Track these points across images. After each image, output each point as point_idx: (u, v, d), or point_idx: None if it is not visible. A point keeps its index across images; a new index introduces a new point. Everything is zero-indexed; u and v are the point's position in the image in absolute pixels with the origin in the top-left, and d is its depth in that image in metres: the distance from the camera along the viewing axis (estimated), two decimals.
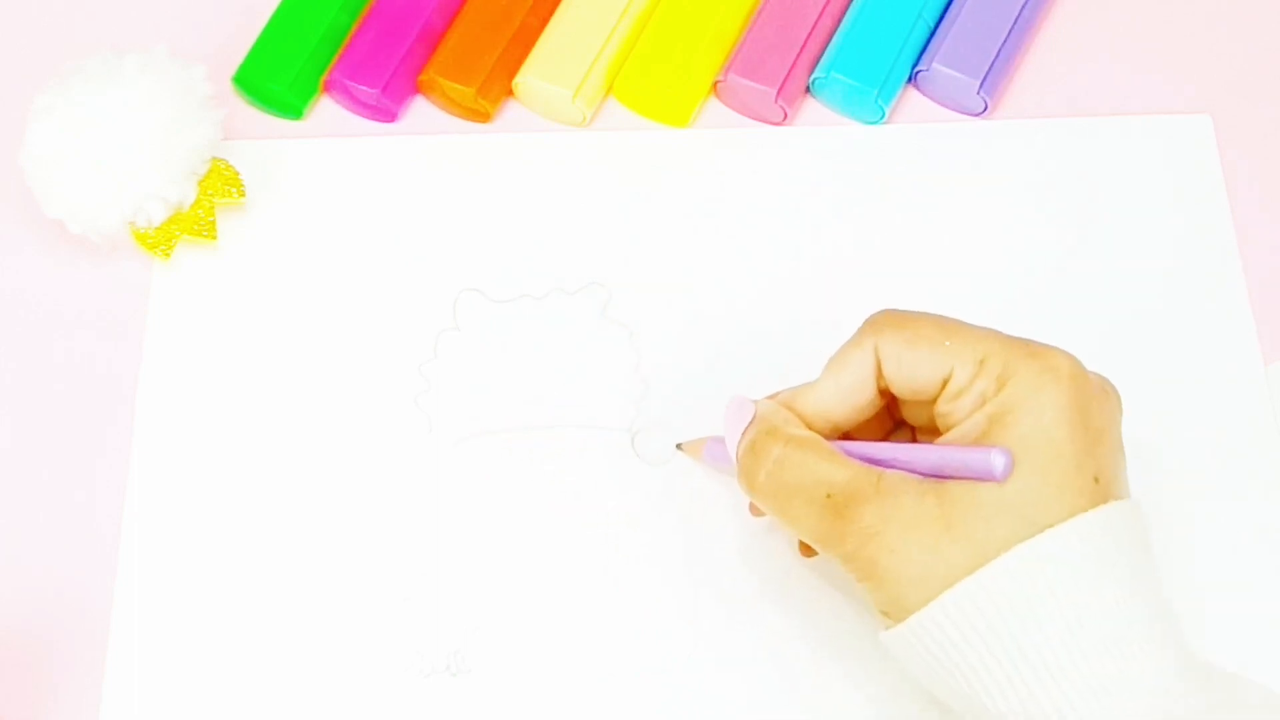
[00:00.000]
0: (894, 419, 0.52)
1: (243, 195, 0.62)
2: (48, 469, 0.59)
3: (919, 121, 0.65)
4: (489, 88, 0.64)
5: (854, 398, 0.50)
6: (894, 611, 0.46)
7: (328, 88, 0.66)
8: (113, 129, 0.59)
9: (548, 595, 0.56)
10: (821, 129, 0.65)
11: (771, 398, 0.51)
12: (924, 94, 0.65)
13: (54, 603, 0.57)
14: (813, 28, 0.64)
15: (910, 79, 0.65)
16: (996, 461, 0.44)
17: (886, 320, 0.50)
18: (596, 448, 0.59)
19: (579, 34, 0.64)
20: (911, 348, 0.48)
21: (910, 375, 0.48)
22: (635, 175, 0.64)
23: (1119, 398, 0.49)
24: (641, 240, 0.62)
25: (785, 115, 0.64)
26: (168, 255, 0.61)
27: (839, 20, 0.65)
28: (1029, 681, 0.43)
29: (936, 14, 0.65)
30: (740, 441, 0.50)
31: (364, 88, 0.64)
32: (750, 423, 0.50)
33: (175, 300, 0.62)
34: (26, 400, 0.60)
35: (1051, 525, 0.44)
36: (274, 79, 0.64)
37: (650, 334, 0.61)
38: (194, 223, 0.62)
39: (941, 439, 0.47)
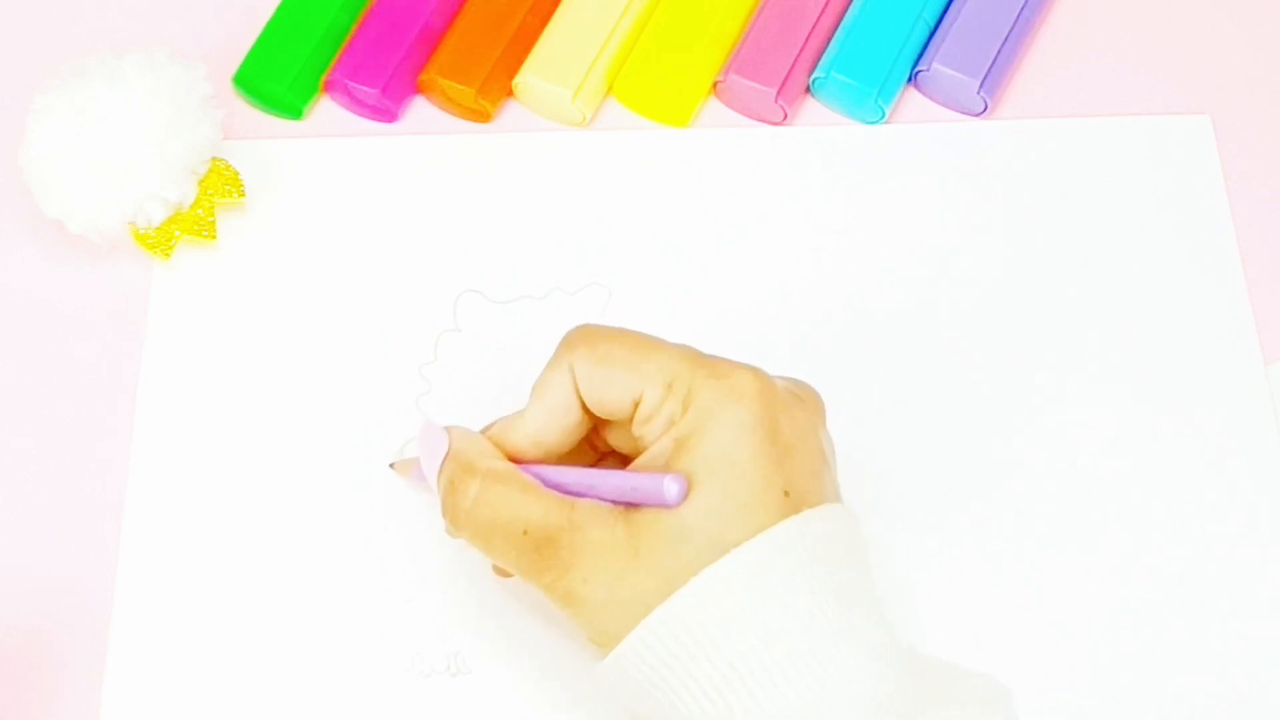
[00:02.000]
0: (598, 451, 0.52)
1: (243, 195, 0.62)
2: (48, 469, 0.59)
3: (919, 121, 0.65)
4: (489, 88, 0.64)
5: (561, 420, 0.49)
6: (599, 639, 0.46)
7: (328, 88, 0.66)
8: (113, 129, 0.59)
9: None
10: (821, 129, 0.65)
11: (486, 429, 0.51)
12: (924, 94, 0.65)
13: (54, 603, 0.57)
14: (813, 28, 0.64)
15: (910, 79, 0.65)
16: (670, 489, 0.44)
17: (580, 338, 0.49)
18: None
19: (579, 34, 0.64)
20: (602, 367, 0.48)
21: (600, 397, 0.48)
22: (635, 175, 0.64)
23: (818, 403, 0.49)
24: (641, 240, 0.62)
25: (785, 115, 0.64)
26: (168, 255, 0.61)
27: (839, 20, 0.65)
28: (730, 701, 0.43)
29: (936, 14, 0.65)
30: (439, 476, 0.50)
31: (364, 88, 0.64)
32: (445, 456, 0.50)
33: (175, 300, 0.62)
34: (26, 400, 0.60)
35: (737, 544, 0.44)
36: (274, 79, 0.64)
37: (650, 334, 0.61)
38: (194, 223, 0.62)
39: (631, 465, 0.47)
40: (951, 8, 0.65)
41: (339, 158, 0.64)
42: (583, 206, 0.63)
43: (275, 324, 0.61)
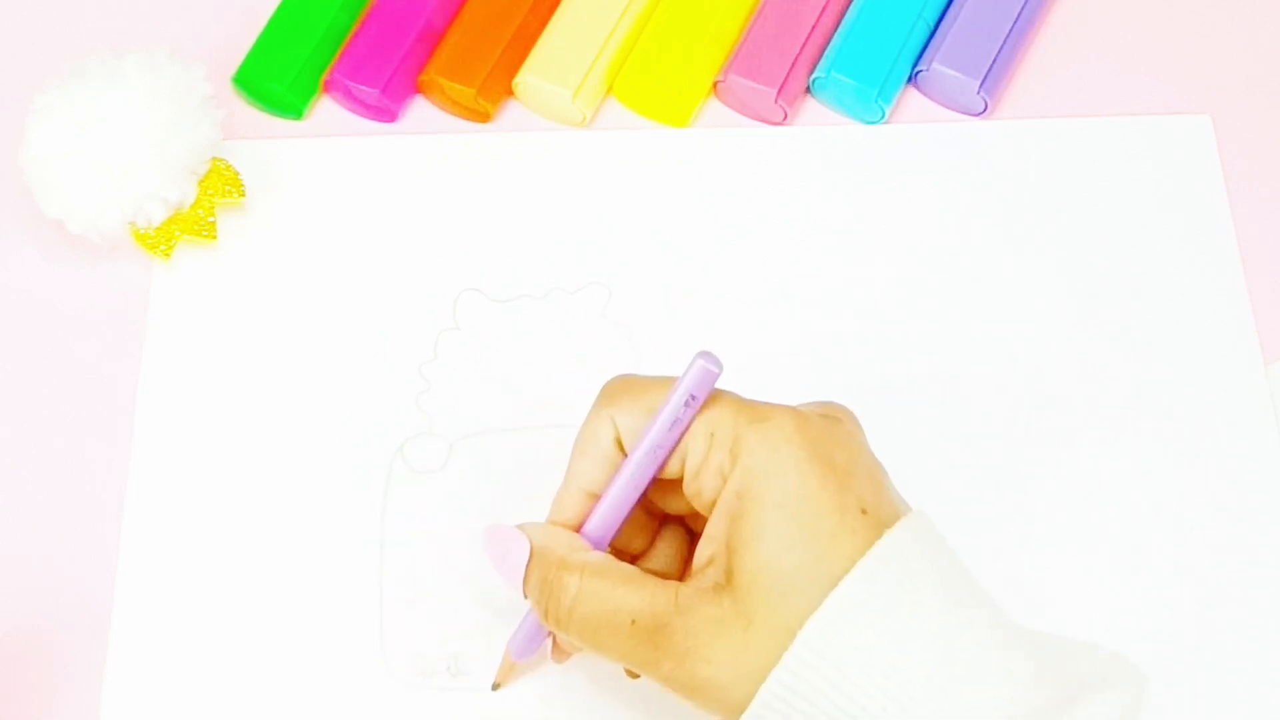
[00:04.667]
0: (656, 516, 0.51)
1: (243, 195, 0.62)
2: (48, 469, 0.59)
3: (919, 121, 0.65)
4: (489, 88, 0.64)
5: (607, 472, 0.49)
6: (724, 713, 0.45)
7: (328, 88, 0.66)
8: (113, 129, 0.59)
9: None
10: (821, 129, 0.65)
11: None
12: (924, 94, 0.65)
13: (54, 603, 0.57)
14: (813, 28, 0.64)
15: (910, 79, 0.65)
16: (709, 365, 0.45)
17: (622, 389, 0.49)
18: None
19: (579, 34, 0.64)
20: (647, 421, 0.47)
21: None
22: (635, 175, 0.64)
23: (851, 419, 0.48)
24: (641, 240, 0.62)
25: (785, 115, 0.64)
26: (168, 255, 0.61)
27: (839, 20, 0.65)
28: None
29: (936, 14, 0.65)
30: (528, 580, 0.49)
31: (364, 88, 0.64)
32: (531, 557, 0.48)
33: (175, 300, 0.62)
34: (26, 400, 0.60)
35: (840, 576, 0.43)
36: (274, 79, 0.64)
37: (650, 334, 0.61)
38: (194, 223, 0.62)
39: (707, 530, 0.46)
40: (951, 8, 0.65)
41: (339, 158, 0.64)
42: (583, 206, 0.63)
43: (275, 324, 0.61)
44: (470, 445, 0.59)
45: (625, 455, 0.48)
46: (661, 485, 0.49)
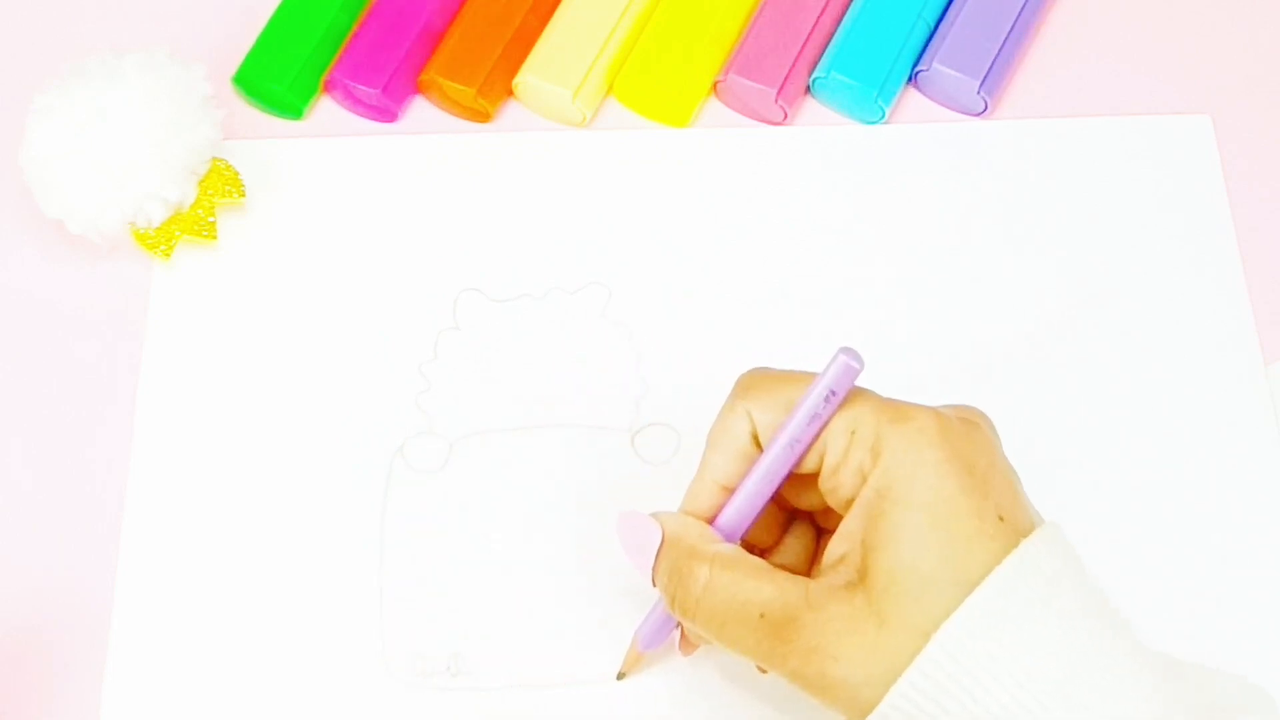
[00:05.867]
0: (786, 510, 0.51)
1: (243, 195, 0.62)
2: (48, 469, 0.59)
3: (919, 121, 0.65)
4: (489, 88, 0.64)
5: (741, 466, 0.49)
6: (851, 712, 0.45)
7: (328, 88, 0.66)
8: (113, 129, 0.59)
9: (547, 596, 0.56)
10: (821, 129, 0.65)
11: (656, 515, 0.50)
12: (924, 94, 0.65)
13: (54, 603, 0.57)
14: (813, 28, 0.64)
15: (910, 79, 0.65)
16: (851, 362, 0.45)
17: (758, 383, 0.49)
18: (596, 448, 0.59)
19: (579, 34, 0.64)
20: (785, 416, 0.47)
21: None
22: (635, 175, 0.64)
23: (988, 423, 0.48)
24: (641, 240, 0.62)
25: (785, 115, 0.64)
26: (168, 255, 0.61)
27: (839, 20, 0.65)
28: None
29: (936, 14, 0.65)
30: (658, 567, 0.49)
31: (364, 88, 0.64)
32: (662, 545, 0.48)
33: (175, 300, 0.62)
34: (26, 400, 0.60)
35: (976, 581, 0.43)
36: (274, 79, 0.64)
37: (650, 334, 0.61)
38: (194, 223, 0.62)
39: (841, 527, 0.46)
40: (951, 8, 0.65)
41: (339, 158, 0.64)
42: (583, 206, 0.63)
43: (275, 324, 0.61)
44: (470, 445, 0.59)
45: (760, 449, 0.48)
46: (795, 480, 0.48)
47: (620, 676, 0.54)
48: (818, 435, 0.47)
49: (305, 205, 0.64)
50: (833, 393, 0.46)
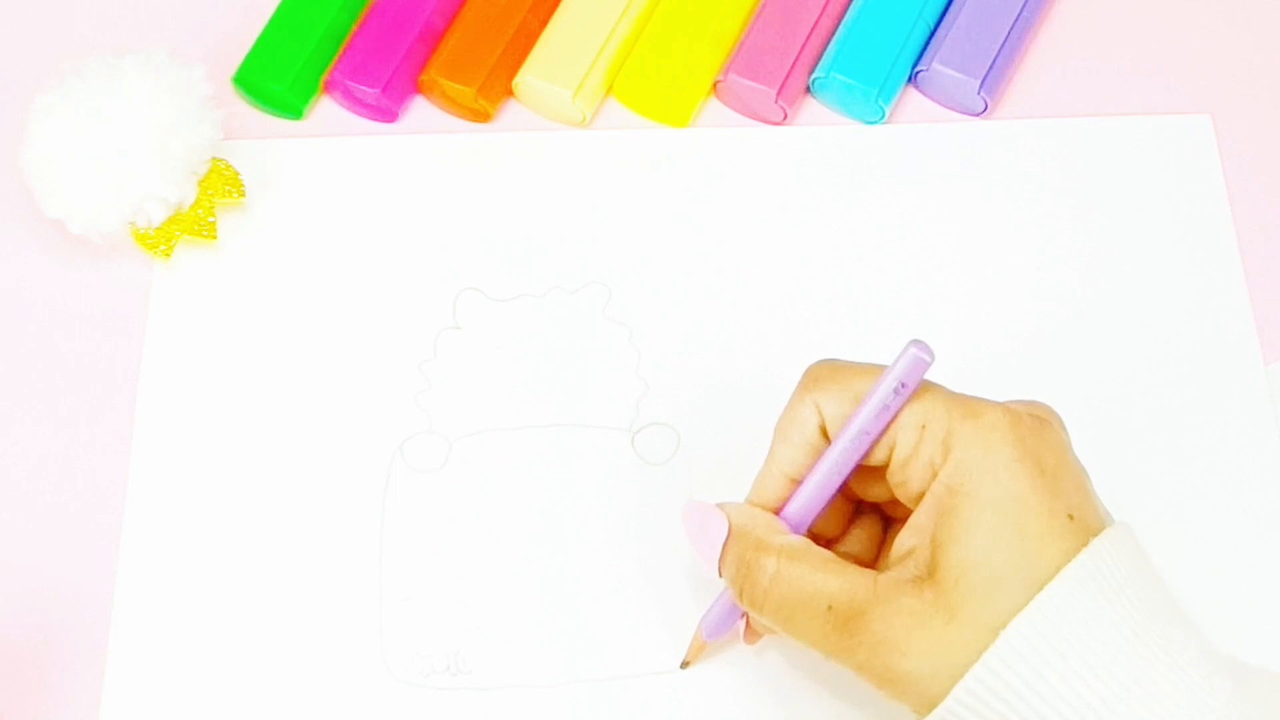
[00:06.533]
0: (852, 501, 0.51)
1: (243, 195, 0.62)
2: (48, 469, 0.59)
3: (919, 121, 0.65)
4: (489, 88, 0.64)
5: (809, 457, 0.49)
6: (919, 707, 0.45)
7: (328, 88, 0.66)
8: (113, 129, 0.59)
9: (547, 595, 0.56)
10: (821, 129, 0.65)
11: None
12: (924, 94, 0.65)
13: (54, 603, 0.57)
14: (813, 28, 0.64)
15: (910, 79, 0.65)
16: (921, 354, 0.46)
17: (827, 374, 0.49)
18: (596, 448, 0.59)
19: (579, 34, 0.64)
20: (854, 408, 0.47)
21: None
22: (635, 175, 0.64)
23: (1058, 420, 0.48)
24: (641, 240, 0.62)
25: (785, 115, 0.64)
26: (168, 255, 0.61)
27: (839, 20, 0.65)
28: None
29: (936, 14, 0.65)
30: (724, 558, 0.49)
31: (364, 88, 0.64)
32: (729, 536, 0.49)
33: (175, 300, 0.62)
34: (27, 400, 0.60)
35: (1046, 579, 0.43)
36: (274, 79, 0.64)
37: (650, 334, 0.61)
38: (194, 223, 0.62)
39: (911, 520, 0.46)
40: (951, 8, 0.65)
41: (339, 158, 0.64)
42: (583, 206, 0.63)
43: (275, 323, 0.61)
44: (470, 444, 0.59)
45: (828, 441, 0.48)
46: (863, 472, 0.49)
47: (684, 665, 0.55)
48: (887, 428, 0.47)
49: (305, 205, 0.64)
50: (903, 385, 0.46)
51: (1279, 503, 0.57)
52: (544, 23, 0.65)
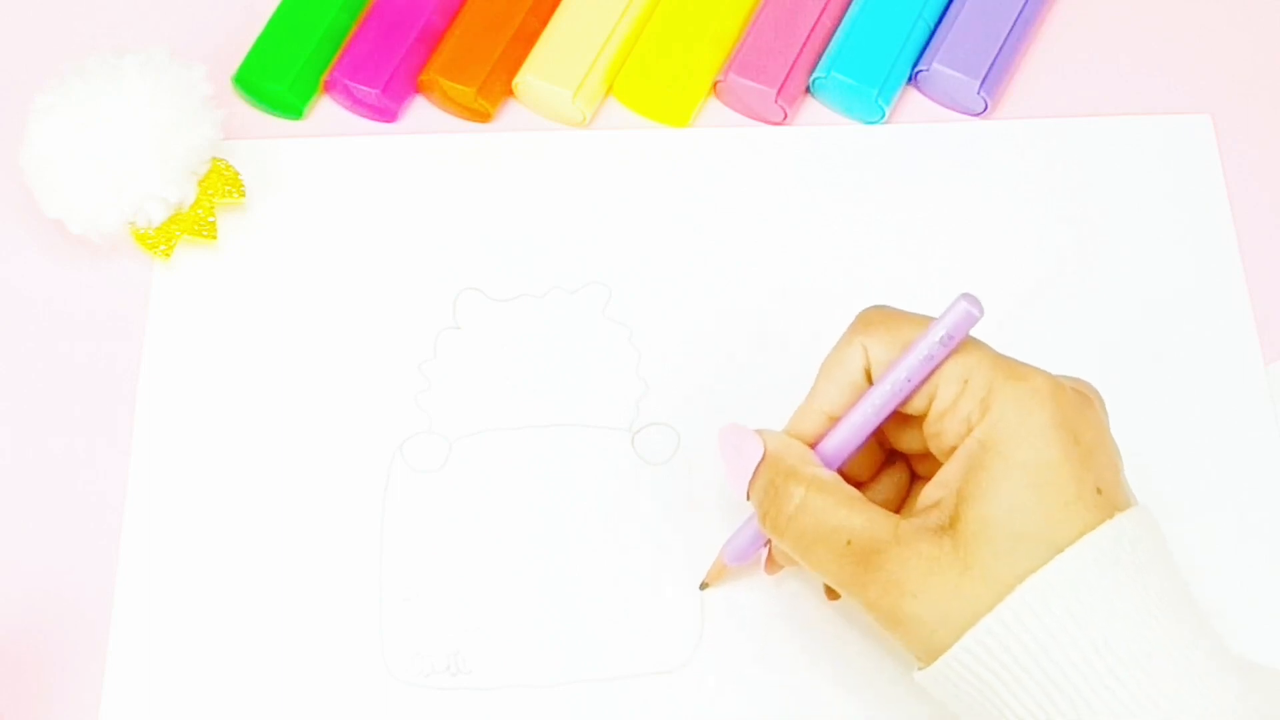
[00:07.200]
0: (884, 449, 0.52)
1: (243, 195, 0.62)
2: (48, 469, 0.59)
3: (919, 121, 0.65)
4: (489, 88, 0.64)
5: (850, 397, 0.49)
6: (923, 653, 0.46)
7: (328, 88, 0.66)
8: (113, 129, 0.59)
9: (547, 595, 0.56)
10: (821, 129, 0.65)
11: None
12: (924, 94, 0.65)
13: (54, 603, 0.57)
14: (813, 28, 0.64)
15: (910, 79, 0.65)
16: (971, 308, 0.46)
17: (879, 319, 0.49)
18: (596, 448, 0.59)
19: (579, 34, 0.64)
20: (901, 353, 0.48)
21: None
22: (635, 175, 0.64)
23: (1100, 400, 0.48)
24: (641, 240, 0.62)
25: (785, 115, 0.64)
26: (168, 255, 0.61)
27: (839, 20, 0.65)
28: (1063, 710, 0.43)
29: (936, 14, 0.65)
30: (755, 482, 0.49)
31: (364, 88, 0.64)
32: (762, 461, 0.49)
33: (175, 300, 0.62)
34: (27, 400, 0.60)
35: (1066, 545, 0.44)
36: (274, 79, 0.64)
37: (650, 334, 0.61)
38: (194, 223, 0.62)
39: (940, 473, 0.47)
40: (951, 8, 0.65)
41: (339, 158, 0.64)
42: (583, 206, 0.63)
43: (275, 324, 0.61)
44: (470, 444, 0.59)
45: (871, 384, 0.49)
46: (899, 420, 0.49)
47: (703, 586, 0.55)
48: (929, 376, 0.47)
49: (305, 205, 0.64)
50: (950, 336, 0.47)
51: (1279, 503, 0.57)
52: (544, 23, 0.65)
